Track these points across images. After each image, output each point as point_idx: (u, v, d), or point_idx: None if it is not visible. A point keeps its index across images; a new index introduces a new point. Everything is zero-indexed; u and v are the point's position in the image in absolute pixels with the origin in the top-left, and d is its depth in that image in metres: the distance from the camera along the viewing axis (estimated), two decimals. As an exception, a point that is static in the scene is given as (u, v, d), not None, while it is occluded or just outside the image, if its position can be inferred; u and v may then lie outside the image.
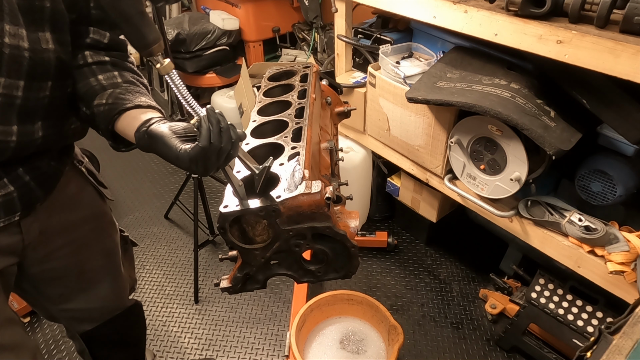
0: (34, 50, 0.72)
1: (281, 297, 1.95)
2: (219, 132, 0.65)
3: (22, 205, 0.83)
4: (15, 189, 0.80)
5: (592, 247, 1.24)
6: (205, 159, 0.66)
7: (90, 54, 0.84)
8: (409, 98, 1.43)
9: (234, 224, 0.84)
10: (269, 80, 1.29)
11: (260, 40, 3.06)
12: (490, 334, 1.76)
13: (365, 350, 1.55)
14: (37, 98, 0.76)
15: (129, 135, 0.77)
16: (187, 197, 2.30)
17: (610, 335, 0.68)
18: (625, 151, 1.24)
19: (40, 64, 0.73)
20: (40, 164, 0.85)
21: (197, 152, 0.65)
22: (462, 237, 2.17)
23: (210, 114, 0.66)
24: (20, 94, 0.73)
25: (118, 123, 0.78)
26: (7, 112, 0.72)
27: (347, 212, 0.98)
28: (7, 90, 0.71)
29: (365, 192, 2.19)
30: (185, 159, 0.66)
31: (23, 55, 0.70)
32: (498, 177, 1.39)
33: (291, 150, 0.92)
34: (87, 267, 1.06)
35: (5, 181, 0.79)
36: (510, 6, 1.14)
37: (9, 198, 0.80)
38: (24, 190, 0.82)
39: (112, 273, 1.14)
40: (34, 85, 0.74)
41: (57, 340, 1.81)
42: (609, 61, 0.99)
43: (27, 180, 0.83)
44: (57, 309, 1.10)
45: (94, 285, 1.10)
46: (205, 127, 0.65)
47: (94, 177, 1.07)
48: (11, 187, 0.80)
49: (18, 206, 0.82)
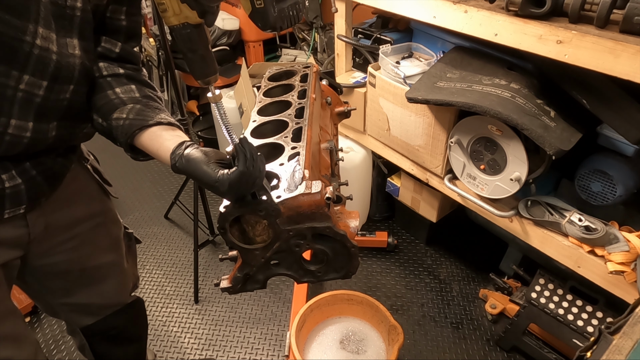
0: (61, 54, 0.75)
1: (281, 297, 1.95)
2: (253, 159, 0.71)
3: (28, 198, 0.85)
4: (22, 182, 0.82)
5: (592, 247, 1.24)
6: (241, 183, 0.71)
7: (104, 66, 0.86)
8: (409, 98, 1.43)
9: (234, 224, 0.84)
10: (269, 80, 1.29)
11: (260, 40, 3.06)
12: (490, 334, 1.76)
13: (365, 350, 1.55)
14: (57, 99, 0.78)
15: (151, 151, 0.81)
16: (187, 197, 2.30)
17: (610, 335, 0.68)
18: (625, 151, 1.24)
19: (65, 67, 0.76)
20: (46, 160, 0.87)
21: (236, 176, 0.70)
22: (462, 237, 2.17)
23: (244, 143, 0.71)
24: (42, 93, 0.75)
25: (139, 138, 0.81)
26: (25, 109, 0.75)
27: (347, 212, 0.98)
28: (29, 88, 0.74)
29: (365, 192, 2.19)
30: (225, 182, 0.70)
31: (50, 58, 0.73)
32: (498, 177, 1.39)
33: (291, 150, 0.92)
34: (90, 262, 1.07)
35: (13, 173, 0.81)
36: (510, 6, 1.14)
37: (16, 190, 0.82)
38: (31, 184, 0.84)
39: (115, 269, 1.15)
40: (55, 87, 0.77)
41: (57, 340, 1.81)
42: (609, 61, 0.99)
43: (34, 175, 0.84)
44: (59, 302, 1.11)
45: (96, 281, 1.11)
46: (243, 154, 0.70)
47: (99, 175, 1.09)
48: (19, 179, 0.82)
49: (24, 199, 0.84)
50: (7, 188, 0.80)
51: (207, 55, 0.70)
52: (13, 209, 0.83)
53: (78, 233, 1.02)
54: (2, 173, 0.79)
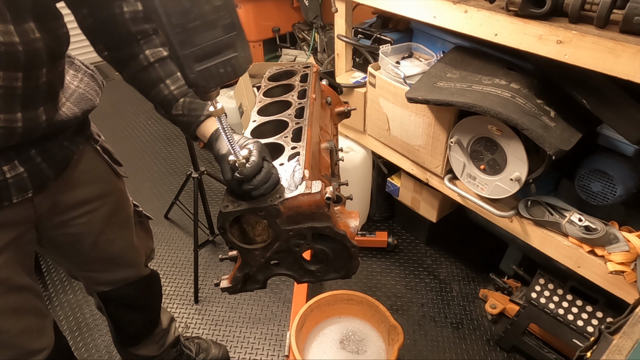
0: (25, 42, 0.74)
1: (281, 297, 1.95)
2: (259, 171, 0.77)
3: (34, 185, 0.87)
4: (25, 170, 0.84)
5: (592, 247, 1.24)
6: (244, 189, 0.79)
7: (150, 53, 0.88)
8: (409, 98, 1.43)
9: (234, 224, 0.84)
10: (269, 80, 1.29)
11: (260, 40, 3.06)
12: (490, 334, 1.76)
13: (365, 350, 1.55)
14: (36, 86, 0.79)
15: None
16: (187, 197, 2.30)
17: (610, 335, 0.68)
18: (625, 151, 1.24)
19: (33, 54, 0.76)
20: (52, 146, 0.89)
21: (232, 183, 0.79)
22: (462, 237, 2.17)
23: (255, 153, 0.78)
24: (20, 84, 0.76)
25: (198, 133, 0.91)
26: (10, 102, 0.76)
27: (347, 212, 0.98)
28: (7, 83, 0.74)
29: (365, 192, 2.19)
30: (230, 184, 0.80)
31: (17, 49, 0.73)
32: (498, 177, 1.39)
33: (291, 150, 0.92)
34: (102, 237, 1.11)
35: (15, 163, 0.83)
36: (510, 6, 1.14)
37: (19, 179, 0.84)
38: (34, 171, 0.86)
39: (126, 244, 1.19)
40: (31, 75, 0.77)
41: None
42: (609, 61, 0.99)
43: (39, 162, 0.86)
44: (76, 268, 1.17)
45: (108, 254, 1.15)
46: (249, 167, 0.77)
47: (109, 155, 1.11)
48: (21, 168, 0.83)
49: (29, 185, 0.86)
50: (9, 178, 0.82)
51: None
52: (21, 195, 0.85)
53: (88, 211, 1.06)
54: (3, 164, 0.81)
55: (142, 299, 1.31)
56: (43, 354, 1.00)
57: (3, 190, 0.82)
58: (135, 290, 1.26)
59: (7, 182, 0.82)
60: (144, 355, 1.41)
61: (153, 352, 1.43)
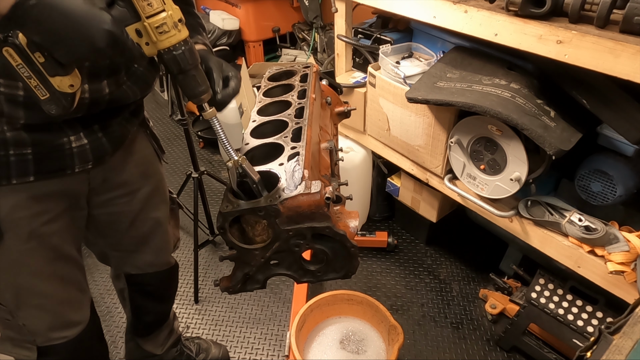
0: None
1: (281, 297, 1.95)
2: None
3: (94, 157, 0.93)
4: (88, 142, 0.91)
5: (592, 247, 1.24)
6: None
7: None
8: (409, 98, 1.43)
9: (233, 224, 0.84)
10: (268, 80, 1.29)
11: (260, 40, 3.06)
12: (490, 334, 1.76)
13: (365, 350, 1.55)
14: None
15: None
16: (187, 197, 2.30)
17: (610, 335, 0.68)
18: (625, 151, 1.24)
19: None
20: (112, 123, 0.95)
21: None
22: (462, 237, 2.17)
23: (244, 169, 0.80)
24: None
25: None
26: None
27: (347, 212, 0.97)
28: None
29: (365, 192, 2.19)
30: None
31: None
32: (498, 177, 1.39)
33: (291, 150, 0.92)
34: (140, 216, 1.16)
35: (81, 135, 0.89)
36: (510, 6, 1.14)
37: (82, 149, 0.90)
38: (96, 144, 0.92)
39: (160, 227, 1.24)
40: None
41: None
42: (609, 61, 0.99)
43: (100, 136, 0.93)
44: (110, 248, 1.22)
45: (142, 234, 1.20)
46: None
47: (157, 141, 1.19)
48: (85, 140, 0.90)
49: (90, 157, 0.92)
50: (75, 148, 0.89)
51: (198, 75, 0.73)
52: (82, 165, 0.92)
53: (131, 191, 1.11)
54: (71, 134, 0.87)
55: (164, 289, 1.37)
56: (78, 328, 1.05)
57: (68, 159, 0.88)
58: (159, 279, 1.31)
59: (73, 151, 0.88)
60: (148, 351, 1.44)
61: (157, 349, 1.45)
